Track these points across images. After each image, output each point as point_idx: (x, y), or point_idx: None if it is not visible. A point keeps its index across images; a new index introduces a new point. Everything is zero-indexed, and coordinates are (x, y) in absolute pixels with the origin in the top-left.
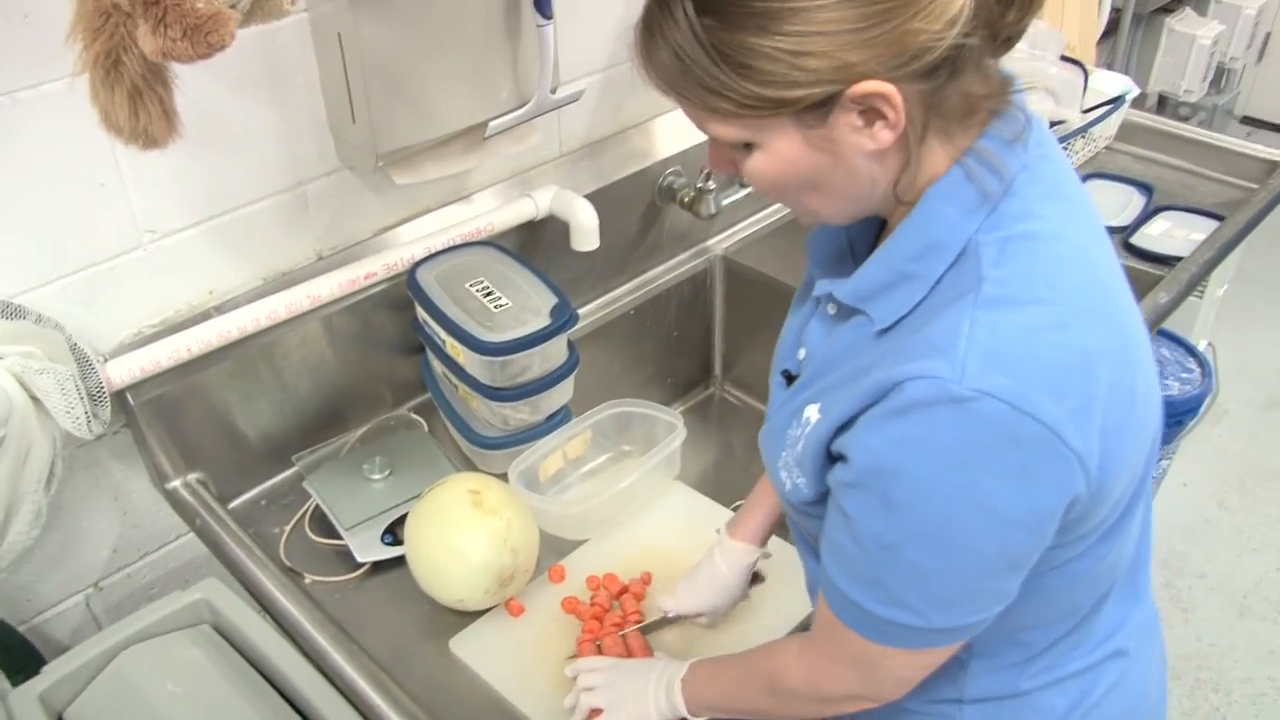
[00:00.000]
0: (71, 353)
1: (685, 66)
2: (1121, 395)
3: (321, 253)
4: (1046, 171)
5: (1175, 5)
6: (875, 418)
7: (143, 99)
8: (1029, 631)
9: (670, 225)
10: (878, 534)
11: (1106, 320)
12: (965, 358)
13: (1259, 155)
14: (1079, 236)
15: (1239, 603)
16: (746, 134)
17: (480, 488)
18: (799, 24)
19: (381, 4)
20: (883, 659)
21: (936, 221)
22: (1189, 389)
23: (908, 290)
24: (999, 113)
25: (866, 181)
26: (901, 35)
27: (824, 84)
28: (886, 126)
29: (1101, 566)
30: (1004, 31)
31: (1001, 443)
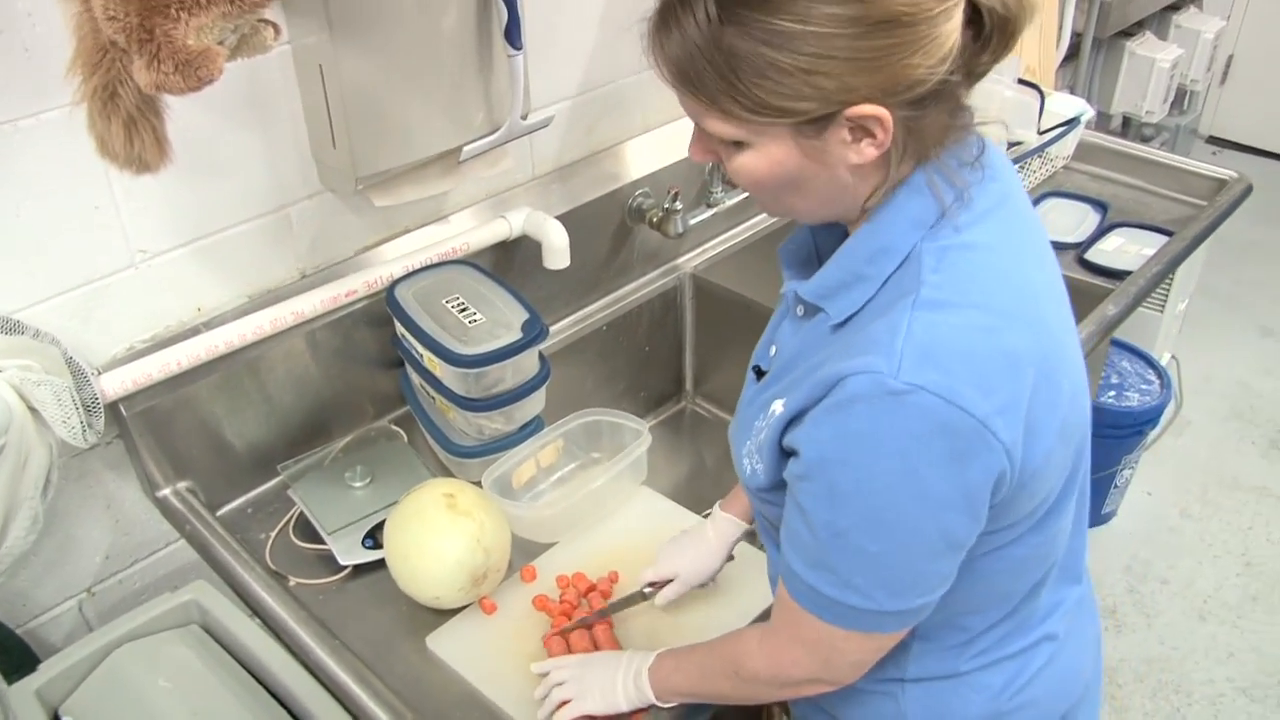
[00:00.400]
0: (67, 366)
1: (699, 66)
2: (1045, 394)
3: (305, 271)
4: (993, 190)
5: (1135, 30)
6: (821, 412)
7: (137, 128)
8: (968, 617)
9: (640, 244)
10: (828, 521)
11: (1034, 326)
12: (902, 354)
13: (1208, 174)
14: (1014, 250)
15: (1200, 607)
16: (743, 134)
17: (455, 491)
18: (815, 47)
19: (360, 36)
20: (838, 642)
21: (888, 228)
22: (1148, 400)
23: (859, 289)
24: (959, 140)
25: (844, 189)
26: (902, 68)
27: (827, 102)
28: (873, 144)
29: (1035, 555)
30: (978, 68)
31: (935, 433)
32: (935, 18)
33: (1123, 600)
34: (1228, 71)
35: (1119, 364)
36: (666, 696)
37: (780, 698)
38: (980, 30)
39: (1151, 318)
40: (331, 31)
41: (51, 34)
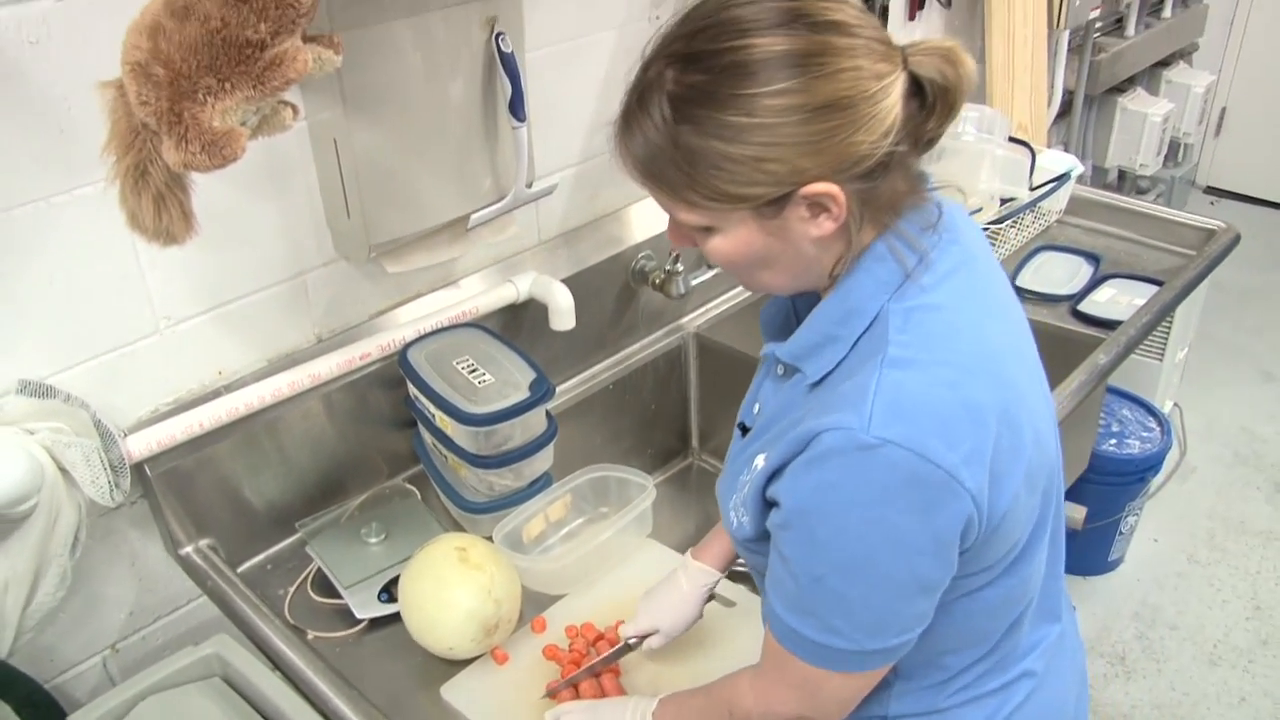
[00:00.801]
0: (96, 428)
1: (659, 163)
2: (1009, 441)
3: (321, 335)
4: (953, 253)
5: (1126, 86)
6: (799, 466)
7: (165, 203)
8: (947, 656)
9: (644, 305)
10: (808, 568)
11: (995, 379)
12: (872, 411)
13: (1198, 224)
14: (975, 309)
15: (1210, 653)
16: (709, 221)
17: (467, 545)
18: (764, 136)
19: (372, 112)
20: (823, 682)
21: (856, 291)
22: (1149, 447)
23: (833, 350)
24: (916, 205)
25: (810, 261)
26: (846, 146)
27: (781, 185)
28: (830, 218)
29: (1010, 597)
30: (925, 136)
31: (905, 484)
32: (873, 96)
33: (1132, 647)
34: (1221, 123)
35: (1119, 412)
36: None
37: None
38: (924, 101)
39: (1152, 366)
40: (345, 107)
41: (85, 117)
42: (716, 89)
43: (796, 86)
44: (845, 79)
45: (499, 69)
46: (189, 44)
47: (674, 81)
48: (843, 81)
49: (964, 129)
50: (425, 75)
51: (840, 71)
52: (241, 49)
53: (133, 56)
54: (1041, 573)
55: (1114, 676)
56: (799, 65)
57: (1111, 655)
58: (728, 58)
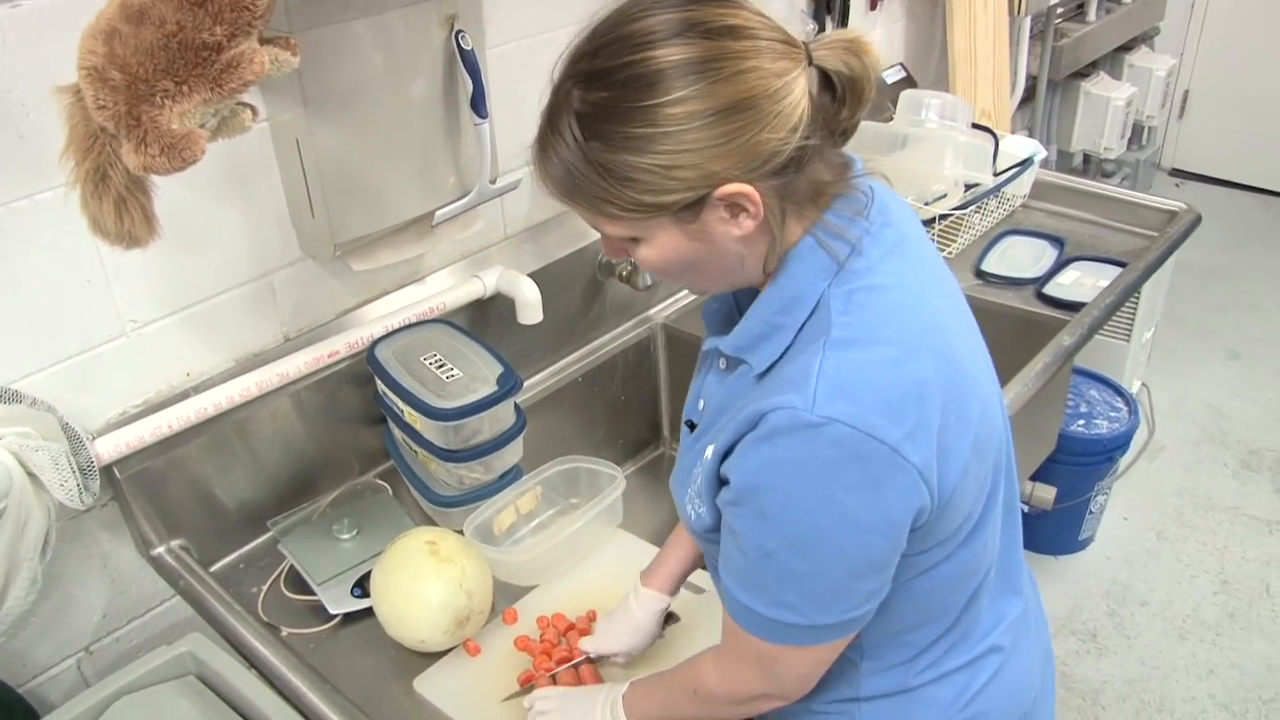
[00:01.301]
0: (63, 432)
1: (575, 180)
2: (955, 415)
3: (288, 335)
4: (888, 235)
5: (1089, 70)
6: (748, 444)
7: (127, 206)
8: (909, 633)
9: (612, 297)
10: (757, 544)
11: (938, 354)
12: (816, 390)
13: (1160, 206)
14: (915, 286)
15: (1179, 627)
16: (632, 231)
17: (437, 539)
18: (670, 144)
19: (334, 111)
20: (779, 656)
21: (795, 280)
22: (1117, 427)
23: (777, 339)
24: (842, 194)
25: (737, 260)
26: (754, 145)
27: (694, 189)
28: (749, 217)
29: (966, 570)
30: (839, 127)
31: (850, 460)
32: (775, 93)
33: (1103, 624)
34: (1185, 106)
35: (1087, 393)
36: None
37: (738, 714)
38: (834, 92)
39: (1118, 347)
40: (306, 108)
41: (44, 121)
42: (620, 103)
43: (697, 92)
44: (745, 80)
45: (460, 66)
46: (145, 48)
47: (580, 100)
48: (743, 82)
49: (927, 116)
50: (386, 74)
51: (739, 73)
52: (198, 52)
53: (89, 61)
54: (996, 544)
55: (1085, 653)
56: (698, 71)
57: (1083, 632)
58: (628, 71)
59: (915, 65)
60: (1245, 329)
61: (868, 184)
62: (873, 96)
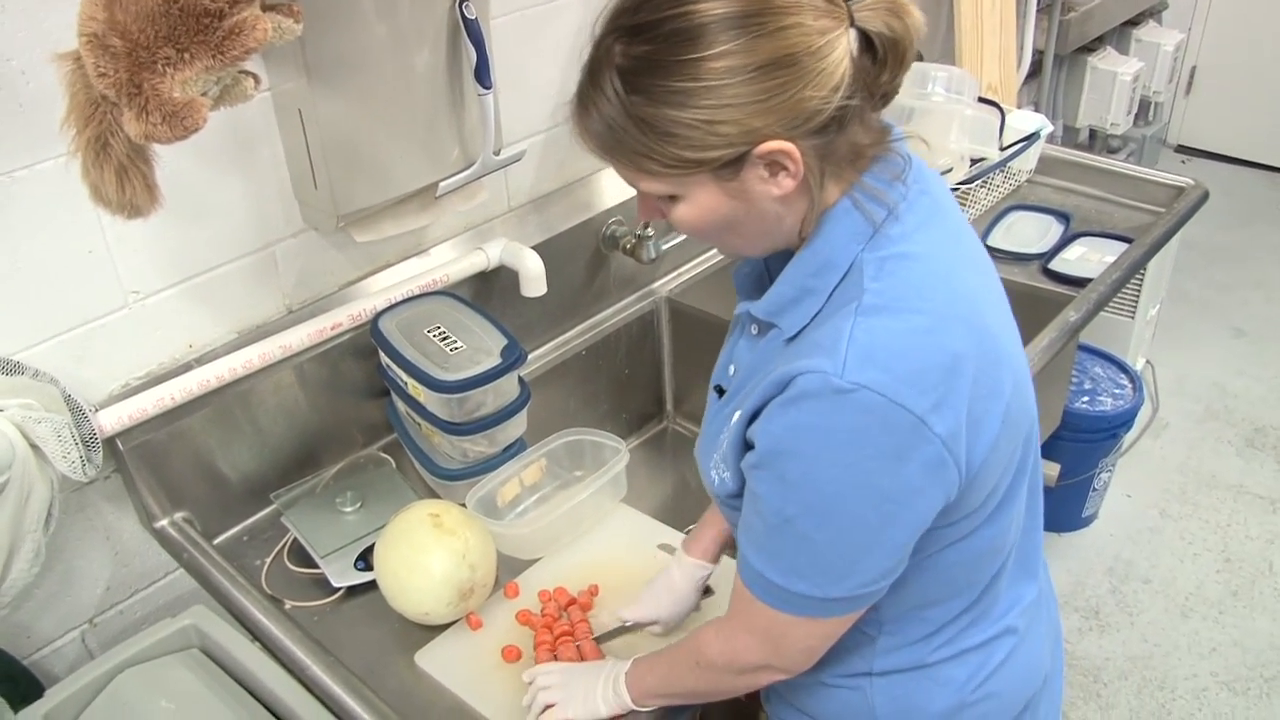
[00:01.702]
0: (66, 403)
1: (616, 135)
2: (987, 388)
3: (291, 306)
4: (923, 204)
5: (1096, 45)
6: (775, 407)
7: (128, 175)
8: (930, 609)
9: (616, 270)
10: (777, 509)
11: (970, 325)
12: (846, 356)
13: (1167, 182)
14: (949, 257)
15: (1181, 605)
16: (671, 188)
17: (440, 511)
18: (711, 99)
19: (336, 81)
20: (788, 628)
21: (829, 244)
22: (1121, 403)
23: (808, 303)
24: (881, 157)
25: (776, 220)
26: (796, 102)
27: (735, 146)
28: (788, 176)
29: (990, 547)
30: (880, 90)
31: (877, 428)
32: (818, 51)
33: (1106, 600)
34: (1192, 82)
35: (1091, 370)
36: (642, 699)
37: (740, 686)
38: (875, 54)
39: (1123, 324)
40: (309, 77)
41: (44, 90)
42: (662, 57)
43: (739, 47)
44: (787, 36)
45: (464, 36)
46: (146, 14)
47: (622, 55)
48: (785, 38)
49: (933, 89)
50: (389, 44)
51: (781, 29)
52: (199, 18)
53: (89, 28)
54: (1021, 522)
55: (1088, 630)
56: (740, 26)
57: (1085, 609)
58: (670, 25)
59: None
60: (1250, 306)
61: (906, 149)
62: (913, 59)
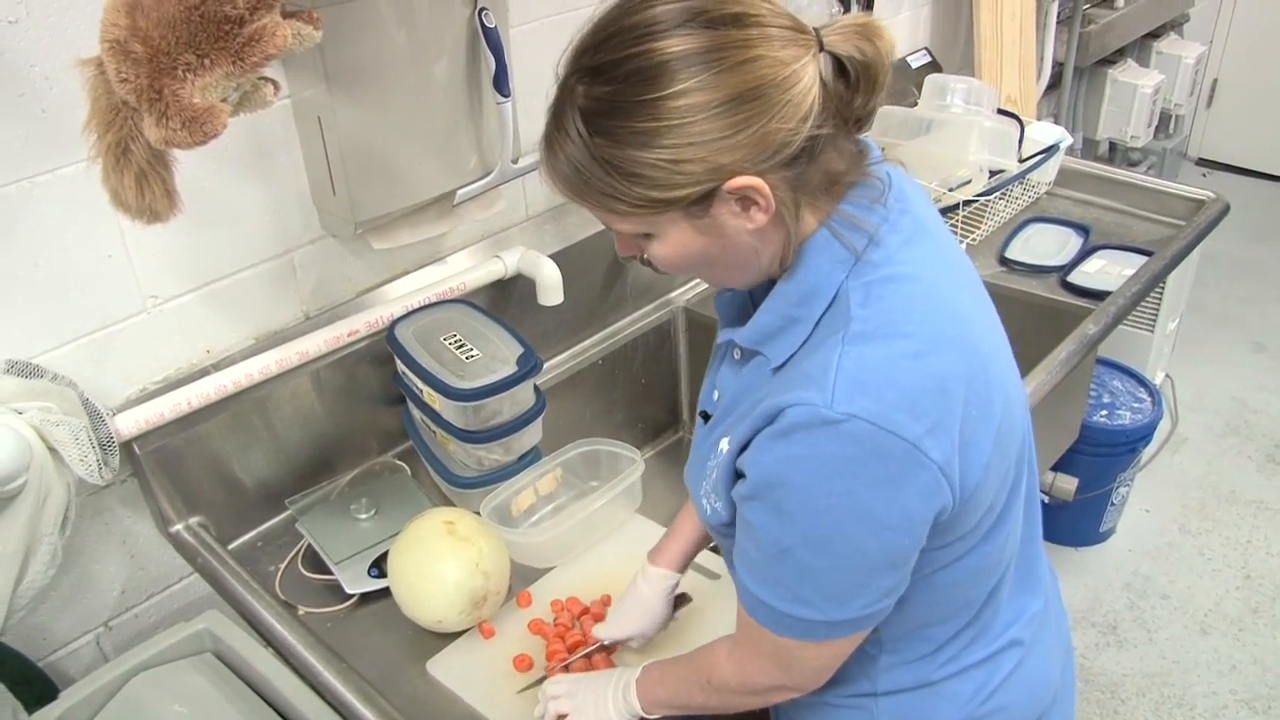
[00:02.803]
0: (84, 407)
1: (584, 177)
2: (978, 409)
3: (308, 313)
4: (906, 223)
5: (1116, 57)
6: (765, 439)
7: (148, 180)
8: (930, 627)
9: (633, 280)
10: (774, 539)
11: (960, 346)
12: (835, 386)
13: (1187, 195)
14: (935, 276)
15: (1201, 621)
16: (644, 227)
17: (454, 519)
18: (675, 138)
19: (356, 88)
20: (796, 651)
21: (812, 273)
22: (1140, 418)
23: (795, 331)
24: (859, 182)
25: (752, 254)
26: (762, 136)
27: (702, 183)
28: (760, 210)
29: (987, 564)
30: (853, 114)
31: (869, 457)
32: (783, 82)
33: (1124, 616)
34: (1213, 95)
35: (1110, 383)
36: (652, 709)
37: (752, 705)
38: (847, 79)
39: (1142, 337)
40: (329, 85)
41: (67, 95)
42: (623, 98)
43: (700, 84)
44: (751, 69)
45: (483, 45)
46: (167, 20)
47: (584, 96)
48: (749, 72)
49: (952, 101)
50: (409, 51)
51: (744, 62)
52: (220, 24)
53: (111, 34)
54: (1018, 536)
55: (1105, 646)
56: (701, 62)
57: (1103, 625)
58: (630, 64)
59: (941, 50)
60: (1271, 321)
61: (885, 171)
62: (887, 83)
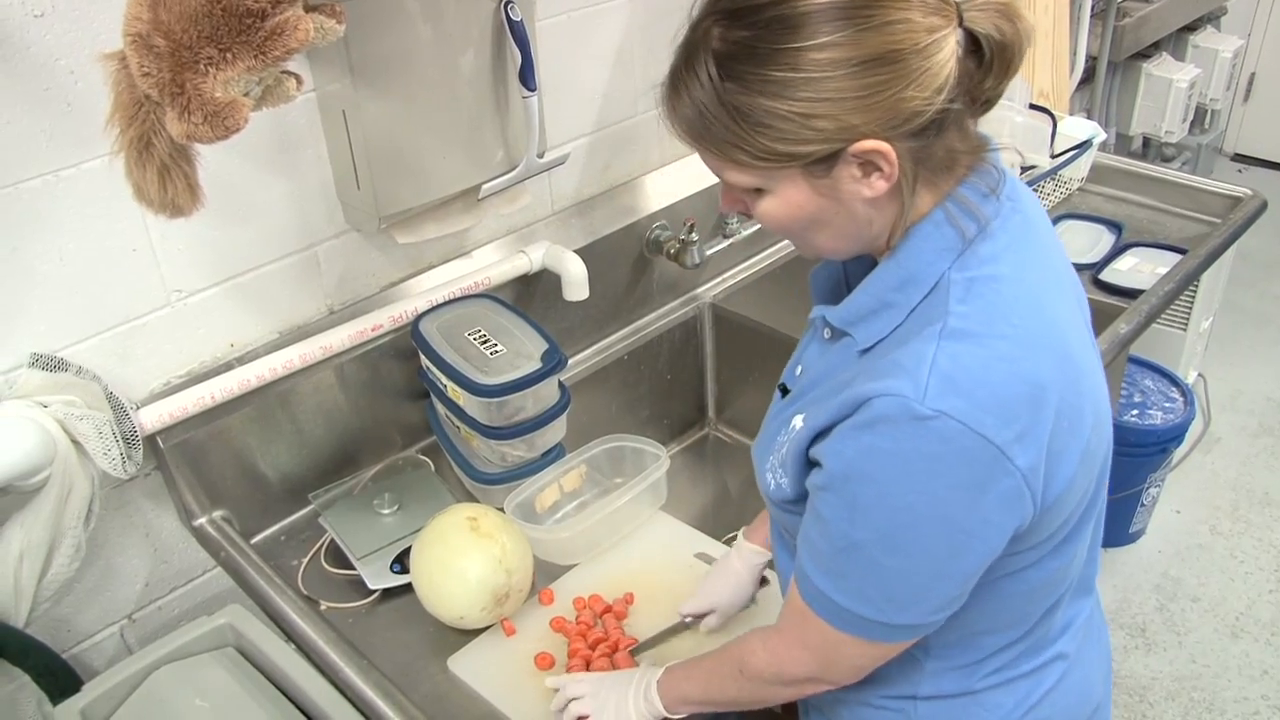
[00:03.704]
0: (108, 401)
1: (708, 122)
2: (1069, 421)
3: (332, 307)
4: (1016, 222)
5: (1151, 51)
6: (847, 429)
7: (170, 175)
8: (984, 636)
9: (660, 275)
10: (845, 532)
11: (1057, 355)
12: (928, 381)
13: (1223, 191)
14: (1038, 280)
15: (1232, 625)
16: (759, 181)
17: (477, 515)
18: (810, 91)
19: (381, 82)
20: (841, 646)
21: (915, 258)
22: (1172, 418)
23: (888, 316)
24: (976, 168)
25: (864, 223)
26: (896, 102)
27: (830, 142)
28: (882, 177)
29: (1053, 578)
30: (982, 95)
31: (955, 458)
32: (924, 50)
33: (1153, 618)
34: (1250, 89)
35: (1141, 382)
36: (676, 707)
37: (782, 697)
38: (981, 58)
39: (1175, 336)
40: (353, 78)
41: (91, 90)
42: (761, 44)
43: (842, 39)
44: (893, 31)
45: (509, 38)
46: (189, 14)
47: (719, 39)
48: (891, 34)
49: None
50: (434, 45)
51: (888, 24)
52: (242, 18)
53: (134, 28)
54: (1084, 555)
55: (1134, 648)
56: (845, 18)
57: (1132, 627)
58: (772, 12)
59: None
60: None
61: (1001, 161)
62: (1019, 66)
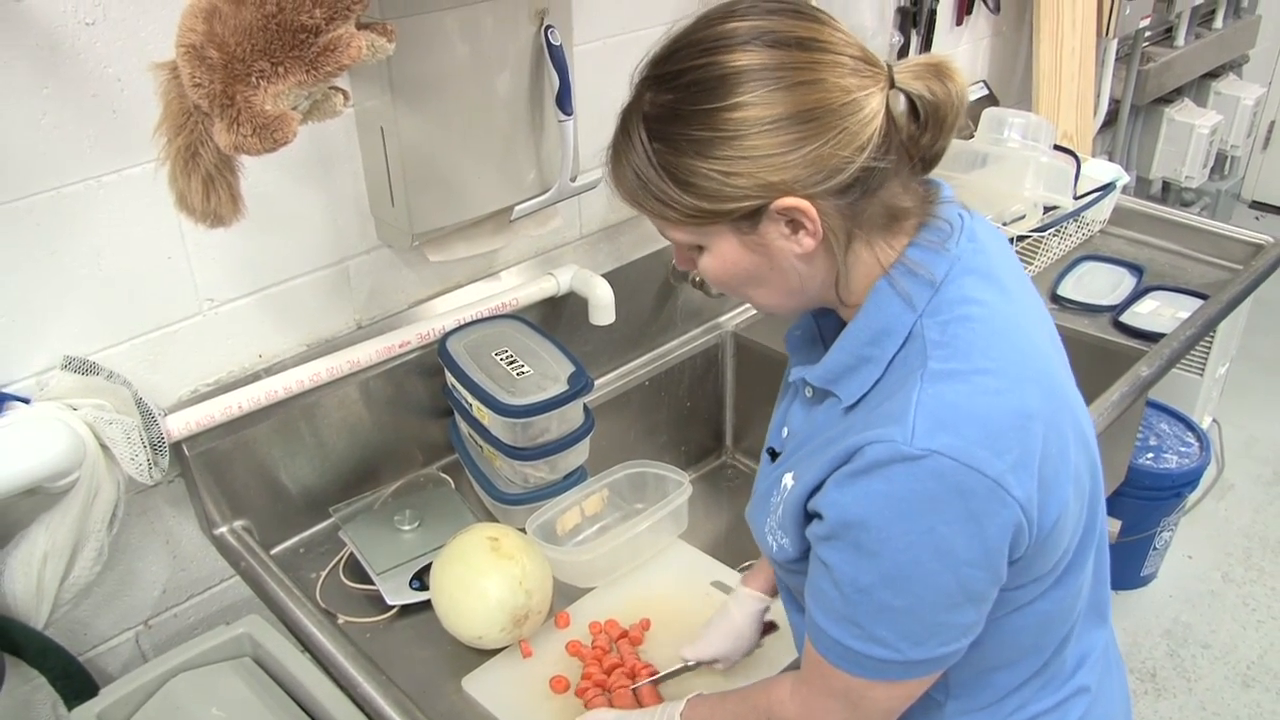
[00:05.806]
0: (137, 406)
1: (643, 182)
2: (1056, 446)
3: (361, 322)
4: (979, 262)
5: (1174, 97)
6: (843, 477)
7: (215, 185)
8: (998, 673)
9: (684, 303)
10: (852, 578)
11: (1041, 384)
12: (914, 423)
13: (1244, 238)
14: (1013, 313)
15: (1243, 673)
16: (694, 238)
17: (499, 535)
18: (729, 150)
19: (420, 101)
20: (867, 691)
21: (882, 312)
22: (1187, 462)
23: (867, 371)
24: (927, 224)
25: (801, 280)
26: (816, 159)
27: (750, 198)
28: (808, 234)
29: (1059, 610)
30: (920, 153)
31: (951, 493)
32: (842, 108)
33: (1163, 664)
34: (1270, 137)
35: (1157, 426)
36: None
37: None
38: (918, 116)
39: (1191, 381)
40: (393, 95)
41: (137, 98)
42: (683, 106)
43: (759, 99)
44: (811, 91)
45: (547, 62)
46: (244, 28)
47: (649, 103)
48: (809, 93)
49: (1009, 135)
50: (473, 66)
51: (805, 84)
52: (296, 34)
53: (188, 39)
54: (1089, 585)
55: (1143, 694)
56: (762, 79)
57: (1142, 672)
58: (694, 75)
59: (998, 83)
60: None
61: (955, 212)
62: (957, 124)
